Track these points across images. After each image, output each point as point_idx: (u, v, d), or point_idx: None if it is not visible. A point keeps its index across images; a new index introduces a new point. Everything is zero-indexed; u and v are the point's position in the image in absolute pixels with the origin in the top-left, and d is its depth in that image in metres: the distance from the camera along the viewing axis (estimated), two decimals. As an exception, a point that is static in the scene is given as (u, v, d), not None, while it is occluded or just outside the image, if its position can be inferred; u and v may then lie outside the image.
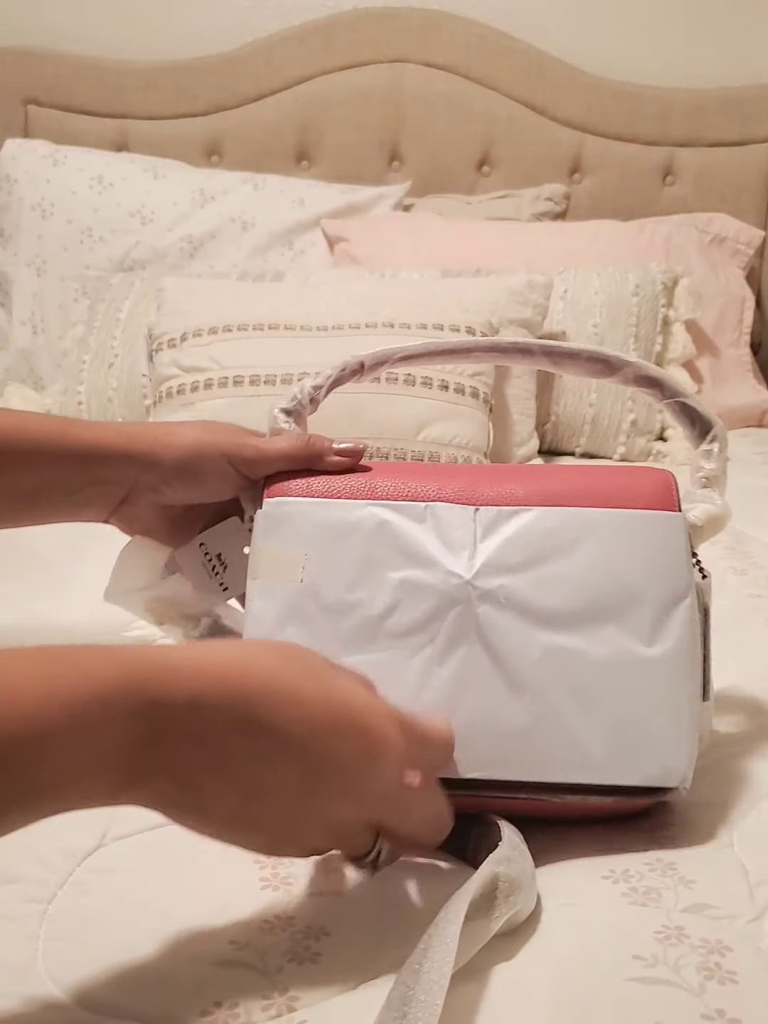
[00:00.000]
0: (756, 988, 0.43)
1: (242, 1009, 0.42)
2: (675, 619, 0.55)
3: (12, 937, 0.47)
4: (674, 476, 0.59)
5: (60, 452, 0.58)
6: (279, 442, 0.60)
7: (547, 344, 0.64)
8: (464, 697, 0.54)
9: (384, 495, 0.58)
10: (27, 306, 1.78)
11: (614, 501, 0.57)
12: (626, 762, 0.54)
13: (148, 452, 0.60)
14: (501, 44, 1.92)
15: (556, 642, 0.55)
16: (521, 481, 0.59)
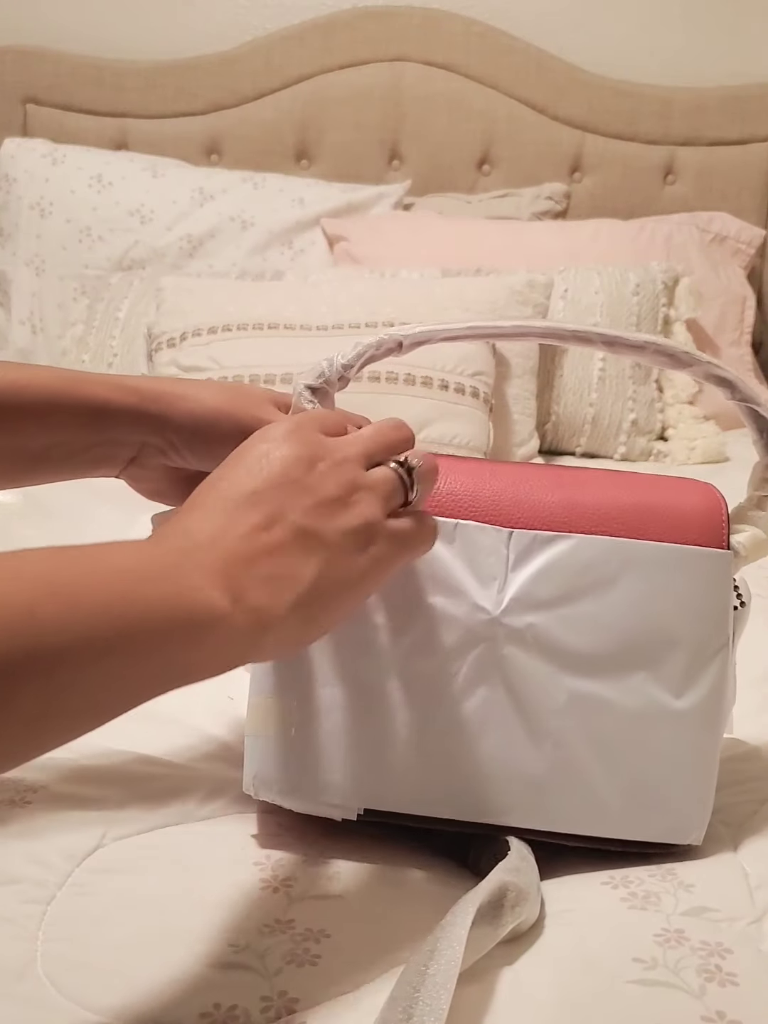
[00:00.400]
0: (756, 990, 0.43)
1: (241, 1011, 0.42)
2: (708, 669, 0.52)
3: (11, 938, 0.47)
4: (724, 499, 0.55)
5: (69, 410, 0.55)
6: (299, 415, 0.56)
7: (608, 334, 0.57)
8: (482, 739, 0.52)
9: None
10: (26, 305, 1.78)
11: (660, 527, 0.53)
12: (642, 819, 0.52)
13: (159, 416, 0.57)
14: (501, 43, 1.92)
15: (582, 689, 0.52)
16: (562, 490, 0.55)
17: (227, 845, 0.54)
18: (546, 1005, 0.42)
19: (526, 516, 0.54)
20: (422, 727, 0.53)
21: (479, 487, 0.55)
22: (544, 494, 0.54)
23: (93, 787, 0.60)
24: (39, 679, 0.34)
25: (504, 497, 0.54)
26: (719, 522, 0.54)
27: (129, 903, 0.49)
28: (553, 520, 0.53)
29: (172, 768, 0.63)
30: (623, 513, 0.53)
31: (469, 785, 0.52)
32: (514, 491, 0.55)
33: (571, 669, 0.52)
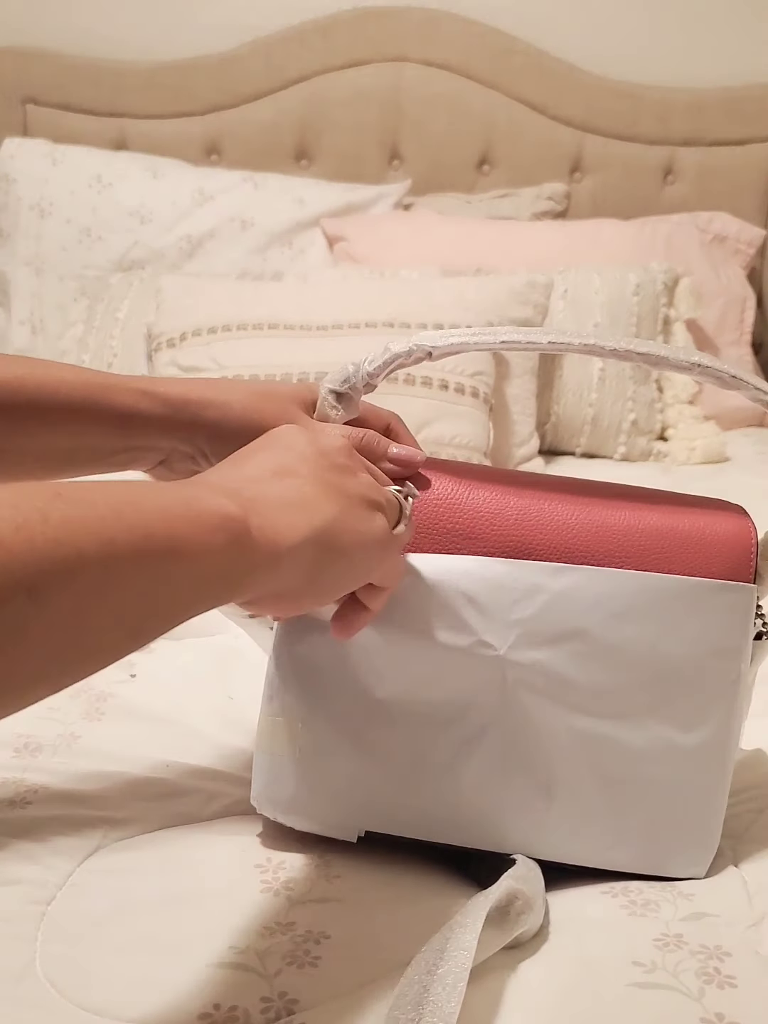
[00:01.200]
0: (755, 992, 0.43)
1: (241, 1011, 0.42)
2: (719, 705, 0.51)
3: (11, 939, 0.47)
4: (755, 528, 0.52)
5: (96, 417, 0.55)
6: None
7: (651, 355, 0.53)
8: (486, 772, 0.52)
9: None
10: (26, 306, 1.77)
11: (684, 556, 0.51)
12: (646, 854, 0.52)
13: (187, 424, 0.56)
14: (501, 43, 1.92)
15: (588, 725, 0.51)
16: (587, 511, 0.53)
17: (228, 847, 0.55)
18: (546, 1007, 0.42)
19: (548, 539, 0.52)
20: (425, 757, 0.52)
21: (503, 506, 0.53)
22: (568, 515, 0.53)
23: (93, 788, 0.60)
24: (61, 586, 0.32)
25: (527, 518, 0.53)
26: (747, 553, 0.52)
27: (129, 904, 0.49)
28: (576, 544, 0.52)
29: (172, 769, 0.63)
30: (647, 538, 0.52)
31: (472, 815, 0.52)
32: (538, 511, 0.53)
33: (577, 705, 0.51)
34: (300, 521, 0.43)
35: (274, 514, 0.42)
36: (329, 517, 0.44)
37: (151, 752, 0.64)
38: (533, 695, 0.51)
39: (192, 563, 0.38)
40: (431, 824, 0.53)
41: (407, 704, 0.52)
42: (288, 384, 0.59)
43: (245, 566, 0.40)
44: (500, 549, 0.52)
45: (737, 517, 0.53)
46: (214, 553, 0.38)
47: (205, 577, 0.39)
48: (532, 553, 0.52)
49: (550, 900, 0.51)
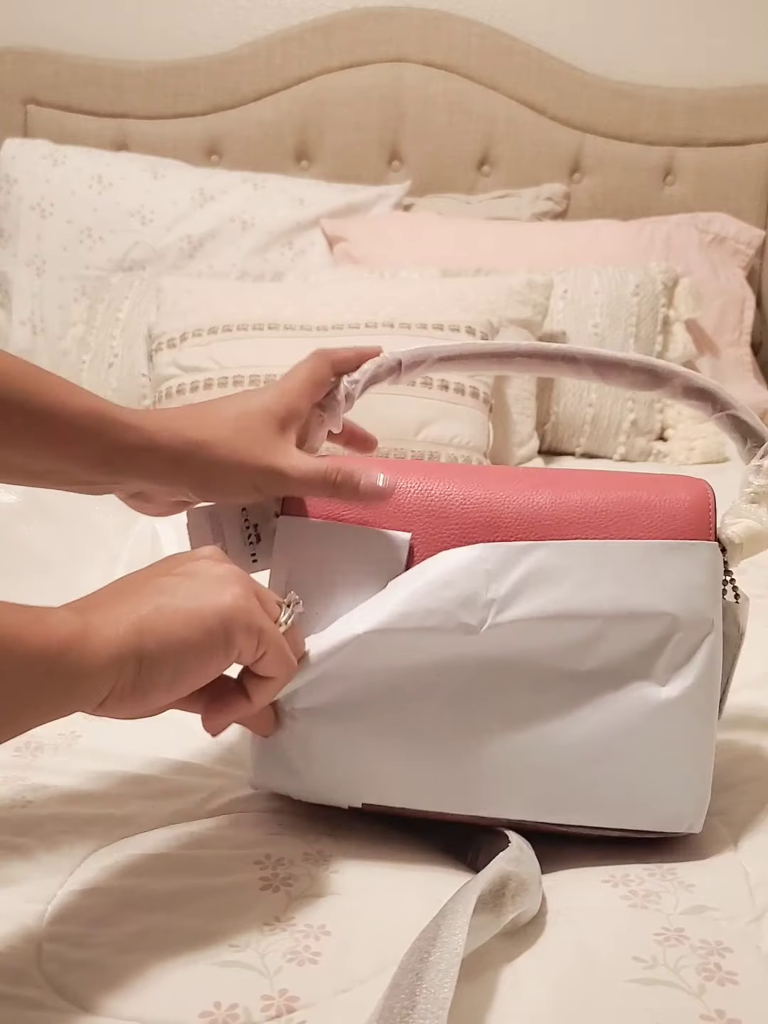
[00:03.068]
0: (756, 989, 0.43)
1: (242, 1009, 0.42)
2: (695, 658, 0.53)
3: (12, 938, 0.47)
4: (712, 491, 0.56)
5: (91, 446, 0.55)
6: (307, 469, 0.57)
7: (593, 353, 0.60)
8: (477, 740, 0.53)
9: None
10: (27, 306, 1.78)
11: (648, 522, 0.54)
12: (639, 809, 0.53)
13: (174, 472, 0.57)
14: (501, 44, 1.92)
15: (571, 690, 0.53)
16: (550, 489, 0.56)
17: (227, 844, 0.55)
18: (546, 1003, 0.42)
19: (517, 516, 0.55)
20: (419, 730, 0.53)
21: (471, 489, 0.56)
22: (533, 493, 0.56)
23: (93, 787, 0.60)
24: None
25: (495, 498, 0.56)
26: (706, 513, 0.55)
27: (129, 902, 0.49)
28: (543, 518, 0.55)
29: (172, 767, 0.63)
30: (611, 509, 0.55)
31: (467, 781, 0.53)
32: (505, 492, 0.56)
33: (557, 670, 0.53)
34: (125, 613, 0.44)
35: (103, 614, 0.44)
36: (154, 604, 0.45)
37: (151, 751, 0.64)
38: (515, 662, 0.53)
39: (31, 663, 0.40)
40: (428, 792, 0.54)
41: (395, 679, 0.53)
42: (261, 404, 0.59)
43: (79, 668, 0.41)
44: (470, 527, 0.55)
45: (695, 484, 0.56)
46: (52, 653, 0.40)
47: (42, 678, 0.40)
48: (501, 529, 0.55)
49: (547, 887, 0.51)
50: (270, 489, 0.58)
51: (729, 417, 0.59)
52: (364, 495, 0.56)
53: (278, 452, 0.58)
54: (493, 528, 0.55)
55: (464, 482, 0.57)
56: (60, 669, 0.41)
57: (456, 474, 0.58)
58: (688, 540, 0.54)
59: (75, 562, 0.95)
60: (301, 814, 0.57)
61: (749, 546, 0.56)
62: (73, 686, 0.42)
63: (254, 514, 0.61)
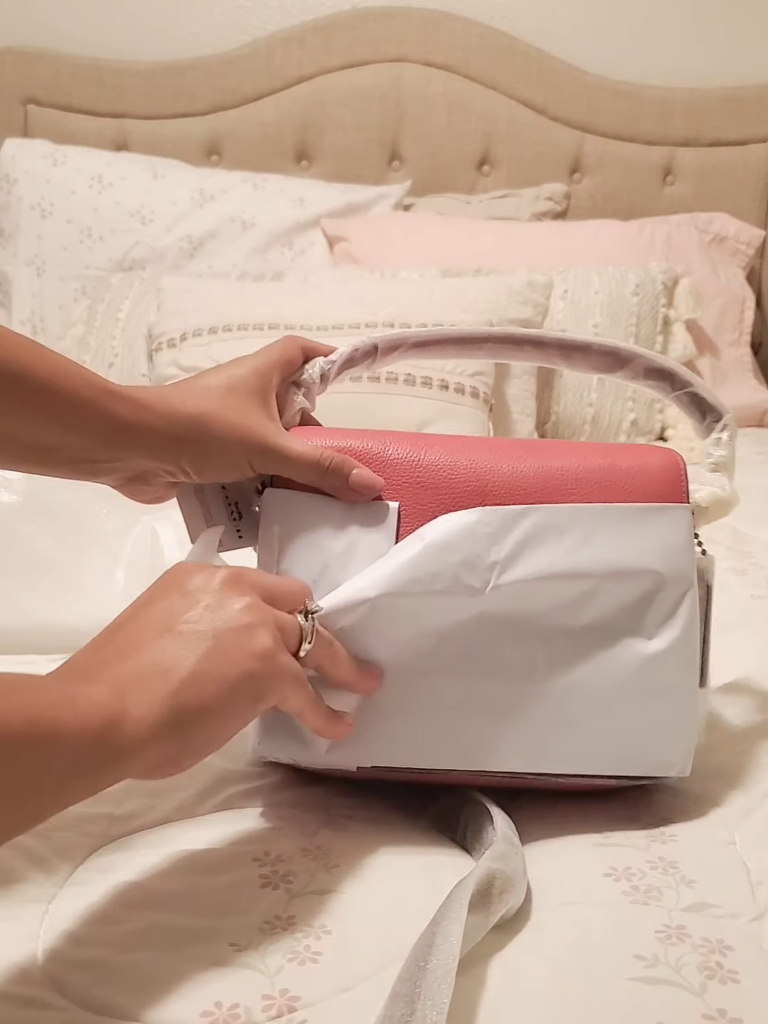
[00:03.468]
0: (758, 988, 0.43)
1: (242, 1009, 0.42)
2: (677, 612, 0.56)
3: (12, 937, 0.47)
4: (683, 459, 0.59)
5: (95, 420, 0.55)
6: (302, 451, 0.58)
7: (560, 337, 0.64)
8: (472, 696, 0.55)
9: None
10: (27, 306, 1.78)
11: (626, 486, 0.57)
12: (628, 756, 0.55)
13: (176, 447, 0.57)
14: (501, 44, 1.92)
15: (564, 644, 0.55)
16: (533, 458, 0.58)
17: (226, 841, 0.55)
18: (547, 1002, 0.42)
19: (504, 482, 0.57)
20: (421, 690, 0.55)
21: (458, 458, 0.58)
22: (517, 462, 0.58)
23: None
24: None
25: (481, 466, 0.58)
26: (678, 479, 0.58)
27: (130, 901, 0.49)
28: (529, 484, 0.57)
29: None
30: (591, 474, 0.58)
31: (468, 737, 0.55)
32: (491, 460, 0.58)
33: (556, 627, 0.55)
34: (157, 688, 0.43)
35: (135, 688, 0.43)
36: (185, 671, 0.44)
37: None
38: (512, 623, 0.55)
39: (70, 748, 0.39)
40: (424, 751, 0.55)
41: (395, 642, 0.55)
42: (241, 378, 0.59)
43: (118, 749, 0.41)
44: (459, 495, 0.57)
45: (666, 452, 0.60)
46: (89, 737, 0.40)
47: (81, 762, 0.40)
48: (489, 496, 0.57)
49: (546, 877, 0.51)
50: (263, 467, 0.58)
51: (688, 395, 0.63)
52: (353, 486, 0.57)
53: (268, 429, 0.58)
54: (481, 495, 0.57)
55: (450, 452, 0.58)
56: (96, 757, 0.41)
57: (442, 444, 0.59)
58: (664, 504, 0.57)
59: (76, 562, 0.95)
60: (298, 805, 0.58)
61: (714, 511, 0.61)
62: (107, 771, 0.42)
63: (233, 492, 0.63)
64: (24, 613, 0.83)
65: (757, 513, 1.15)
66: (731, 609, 0.87)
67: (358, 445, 0.59)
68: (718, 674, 0.72)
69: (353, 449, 0.59)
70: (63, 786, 0.40)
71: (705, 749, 0.61)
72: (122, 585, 0.82)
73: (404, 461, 0.58)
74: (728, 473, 0.63)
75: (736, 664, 0.75)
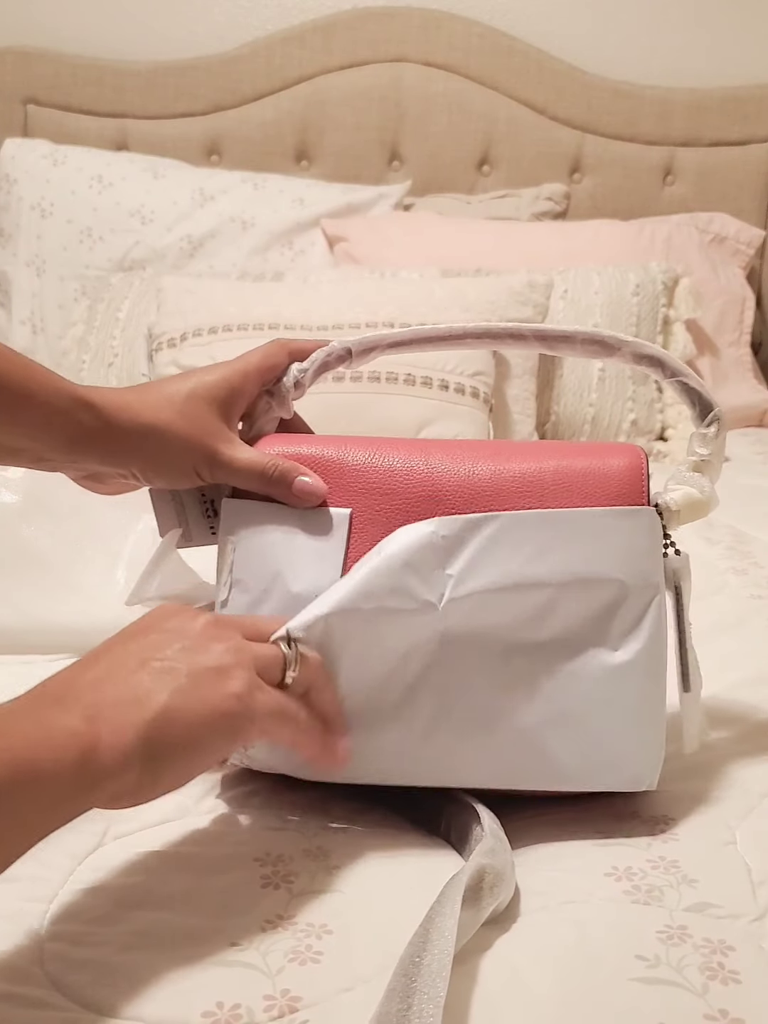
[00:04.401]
0: (759, 988, 0.43)
1: (244, 1009, 0.42)
2: (643, 622, 0.55)
3: (13, 936, 0.47)
4: (646, 456, 0.57)
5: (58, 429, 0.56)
6: (246, 460, 0.59)
7: (540, 328, 0.62)
8: (440, 717, 0.54)
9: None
10: (27, 306, 1.78)
11: (583, 489, 0.56)
12: (594, 772, 0.54)
13: (126, 455, 0.58)
14: (501, 44, 1.92)
15: (527, 660, 0.54)
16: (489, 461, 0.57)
17: (227, 842, 0.55)
18: (547, 1002, 0.42)
19: (458, 488, 0.56)
20: (384, 707, 0.54)
21: (413, 463, 0.58)
22: (474, 465, 0.57)
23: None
24: None
25: (436, 471, 0.57)
26: (639, 480, 0.56)
27: (130, 901, 0.49)
28: (483, 489, 0.56)
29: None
30: (548, 476, 0.56)
31: (433, 755, 0.54)
32: (446, 464, 0.57)
33: (517, 642, 0.54)
34: (130, 716, 0.44)
35: (111, 715, 0.43)
36: (159, 705, 0.44)
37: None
38: (473, 640, 0.54)
39: (49, 787, 0.40)
40: (390, 769, 0.55)
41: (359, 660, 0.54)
42: (206, 387, 0.60)
43: (92, 778, 0.41)
44: (413, 500, 0.57)
45: (628, 451, 0.58)
46: (67, 772, 0.40)
47: (59, 796, 0.40)
48: (443, 502, 0.56)
49: (547, 877, 0.51)
50: (209, 476, 0.60)
51: (679, 383, 0.61)
52: (296, 494, 0.57)
53: (220, 439, 0.59)
54: (435, 501, 0.56)
55: (408, 456, 0.58)
56: (72, 790, 0.41)
57: (402, 448, 0.59)
58: (625, 507, 0.55)
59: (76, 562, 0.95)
60: (298, 807, 0.58)
61: (687, 513, 0.58)
62: (80, 802, 0.42)
63: (210, 491, 0.63)
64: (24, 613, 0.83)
65: (757, 513, 1.15)
66: (731, 609, 0.87)
67: (314, 452, 0.59)
68: (718, 674, 0.72)
69: (307, 456, 0.59)
70: (41, 824, 0.40)
71: (705, 749, 0.61)
72: (122, 585, 0.82)
73: (361, 467, 0.58)
74: (711, 473, 0.61)
75: (736, 664, 0.75)
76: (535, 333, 0.62)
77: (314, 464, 0.58)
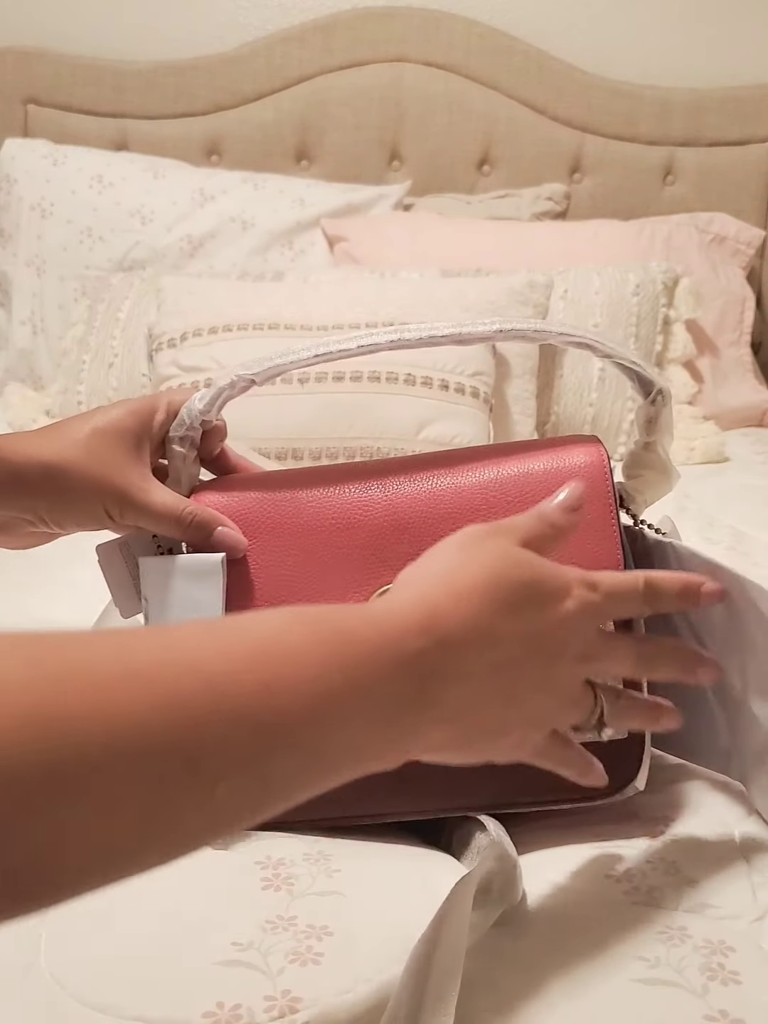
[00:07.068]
0: (759, 989, 0.43)
1: (245, 1010, 0.42)
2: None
3: (15, 936, 0.47)
4: (606, 451, 0.56)
5: None
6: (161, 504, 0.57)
7: (456, 333, 0.56)
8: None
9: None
10: (27, 306, 1.78)
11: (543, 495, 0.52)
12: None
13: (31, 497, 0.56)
14: (501, 44, 1.92)
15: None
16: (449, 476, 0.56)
17: (228, 844, 0.55)
18: (551, 1001, 0.42)
19: (420, 510, 0.55)
20: None
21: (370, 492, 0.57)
22: (433, 483, 0.56)
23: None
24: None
25: (396, 496, 0.56)
26: (602, 476, 0.55)
27: (132, 901, 0.49)
28: (445, 508, 0.55)
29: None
30: (509, 486, 0.55)
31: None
32: (405, 487, 0.56)
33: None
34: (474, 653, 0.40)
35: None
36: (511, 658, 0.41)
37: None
38: None
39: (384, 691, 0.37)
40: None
41: None
42: (111, 422, 0.57)
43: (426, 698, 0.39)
44: (376, 532, 0.55)
45: (589, 447, 0.57)
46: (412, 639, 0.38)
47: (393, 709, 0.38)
48: (407, 528, 0.55)
49: (548, 878, 0.51)
50: (121, 518, 0.57)
51: (616, 364, 0.57)
52: (214, 545, 0.56)
53: (131, 475, 0.57)
54: (400, 529, 0.55)
55: (362, 485, 0.57)
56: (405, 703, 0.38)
57: (352, 478, 0.57)
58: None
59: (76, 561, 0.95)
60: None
61: (651, 494, 0.58)
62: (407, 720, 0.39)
63: (165, 540, 0.60)
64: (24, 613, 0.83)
65: (757, 513, 1.15)
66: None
67: (263, 496, 0.57)
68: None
69: (254, 500, 0.57)
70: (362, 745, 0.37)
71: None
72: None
73: (317, 503, 0.57)
74: (662, 448, 0.59)
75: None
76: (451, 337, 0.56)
77: (266, 508, 0.57)
